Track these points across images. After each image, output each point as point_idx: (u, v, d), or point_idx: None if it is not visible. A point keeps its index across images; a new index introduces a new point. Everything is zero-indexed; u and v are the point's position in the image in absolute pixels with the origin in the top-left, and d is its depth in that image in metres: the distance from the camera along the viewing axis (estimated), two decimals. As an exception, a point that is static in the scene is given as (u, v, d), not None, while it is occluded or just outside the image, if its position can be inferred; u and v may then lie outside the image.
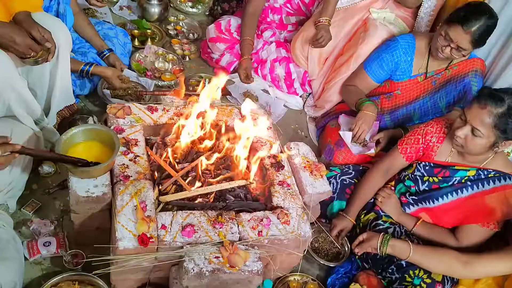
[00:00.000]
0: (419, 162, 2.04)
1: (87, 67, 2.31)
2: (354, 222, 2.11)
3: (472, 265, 1.78)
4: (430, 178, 2.01)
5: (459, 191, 1.94)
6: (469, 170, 1.93)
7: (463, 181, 1.94)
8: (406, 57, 2.37)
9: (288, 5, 2.94)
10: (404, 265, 1.89)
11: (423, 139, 2.03)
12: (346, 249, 2.13)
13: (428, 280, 1.85)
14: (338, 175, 2.23)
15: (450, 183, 1.96)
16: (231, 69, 2.91)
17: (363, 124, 2.22)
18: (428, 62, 2.36)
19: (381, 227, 2.04)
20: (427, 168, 2.02)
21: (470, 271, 1.81)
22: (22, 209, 1.95)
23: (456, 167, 1.95)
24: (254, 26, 2.89)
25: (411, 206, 2.07)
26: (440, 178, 1.98)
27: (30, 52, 1.72)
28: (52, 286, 1.67)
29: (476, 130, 1.77)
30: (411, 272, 1.87)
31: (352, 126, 2.24)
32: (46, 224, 1.91)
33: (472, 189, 1.91)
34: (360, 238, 1.97)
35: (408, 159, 2.07)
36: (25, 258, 1.76)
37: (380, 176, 2.12)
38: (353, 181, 2.20)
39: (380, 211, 2.09)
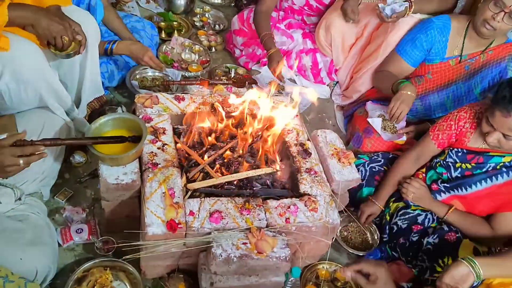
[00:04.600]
0: (451, 148, 1.98)
1: (111, 44, 2.28)
2: (383, 208, 2.07)
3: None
4: (463, 164, 1.95)
5: (493, 177, 1.87)
6: (504, 156, 1.86)
7: (498, 167, 1.88)
8: (440, 37, 2.30)
9: (306, 8, 2.87)
10: (432, 250, 1.85)
11: (456, 125, 1.97)
12: (376, 237, 2.10)
13: None
14: (367, 162, 2.19)
15: (484, 170, 1.90)
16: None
17: (402, 104, 2.12)
18: (463, 44, 2.29)
19: (410, 215, 2.00)
20: (459, 154, 1.95)
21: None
22: (55, 197, 2.00)
23: (490, 153, 1.89)
24: (269, 23, 2.70)
25: (442, 194, 2.01)
26: (473, 164, 1.92)
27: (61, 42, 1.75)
28: (84, 271, 1.71)
29: (507, 136, 1.75)
30: (440, 261, 1.82)
31: (390, 107, 2.14)
32: (78, 211, 1.95)
33: (508, 176, 1.85)
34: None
35: (440, 146, 2.02)
36: (59, 245, 1.81)
37: (411, 163, 2.07)
38: (382, 169, 2.16)
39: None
